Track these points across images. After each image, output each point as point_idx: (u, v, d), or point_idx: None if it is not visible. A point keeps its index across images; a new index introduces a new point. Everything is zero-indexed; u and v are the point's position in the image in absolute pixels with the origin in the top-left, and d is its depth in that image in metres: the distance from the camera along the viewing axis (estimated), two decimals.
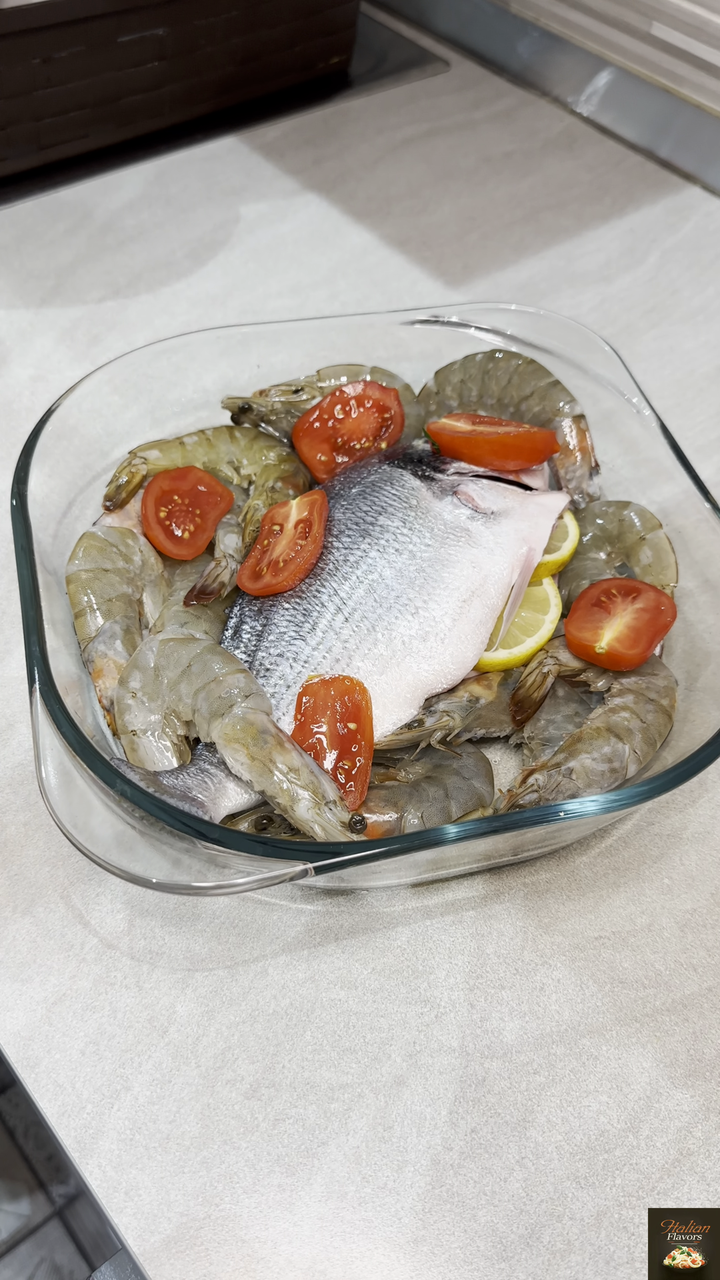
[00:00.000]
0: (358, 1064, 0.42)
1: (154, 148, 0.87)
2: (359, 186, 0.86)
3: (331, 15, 0.92)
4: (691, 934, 0.47)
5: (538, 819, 0.41)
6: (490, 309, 0.64)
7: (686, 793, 0.51)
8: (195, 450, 0.59)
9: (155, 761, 0.46)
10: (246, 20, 0.86)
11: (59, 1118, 0.41)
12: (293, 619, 0.51)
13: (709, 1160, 0.41)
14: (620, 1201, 0.40)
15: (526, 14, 0.97)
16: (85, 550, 0.53)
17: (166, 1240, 0.38)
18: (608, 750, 0.47)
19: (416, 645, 0.50)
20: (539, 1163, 0.41)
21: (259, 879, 0.40)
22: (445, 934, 0.46)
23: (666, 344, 0.74)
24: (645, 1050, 0.43)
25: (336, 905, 0.47)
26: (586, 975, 0.45)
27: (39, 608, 0.47)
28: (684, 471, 0.55)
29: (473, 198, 0.86)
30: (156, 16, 0.80)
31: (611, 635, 0.50)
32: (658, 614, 0.50)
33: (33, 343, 0.70)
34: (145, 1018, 0.43)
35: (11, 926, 0.45)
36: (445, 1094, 0.42)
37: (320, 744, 0.47)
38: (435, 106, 0.95)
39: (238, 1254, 0.38)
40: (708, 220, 0.85)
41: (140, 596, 0.53)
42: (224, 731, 0.45)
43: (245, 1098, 0.42)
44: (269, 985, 0.44)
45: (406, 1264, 0.38)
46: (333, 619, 0.51)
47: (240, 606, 0.53)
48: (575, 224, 0.84)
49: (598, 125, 0.94)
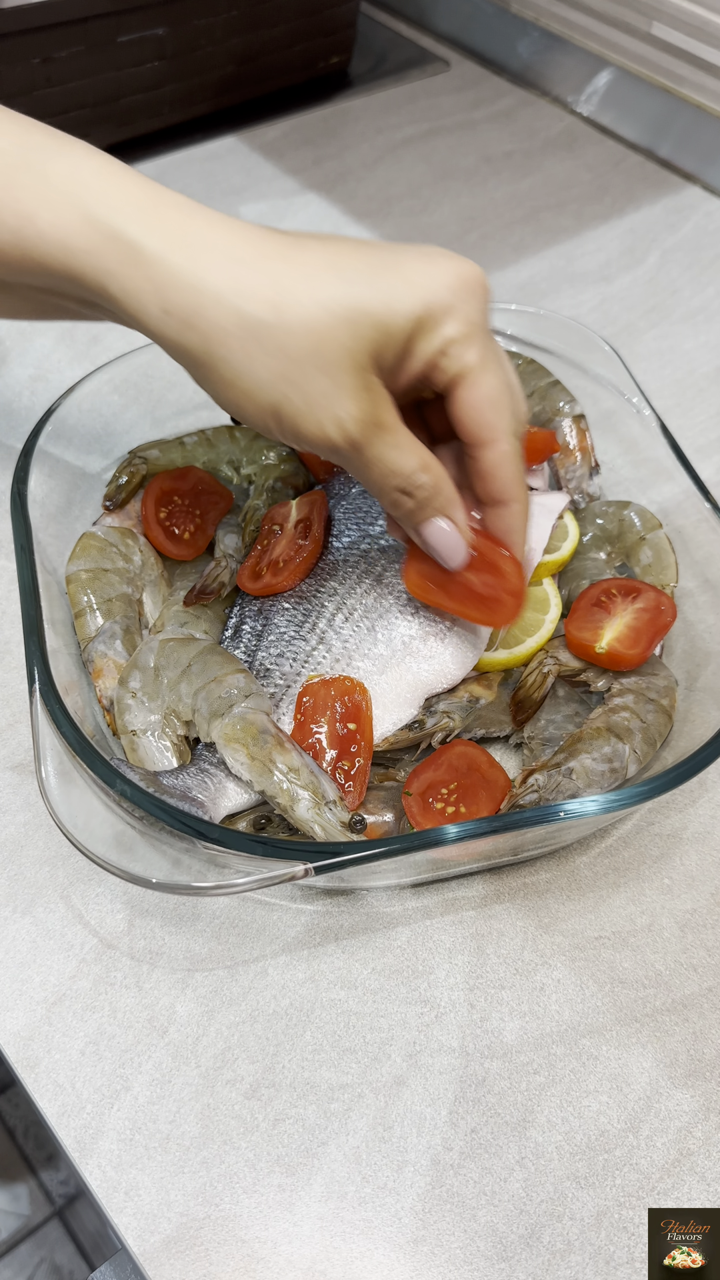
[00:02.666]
0: (358, 1064, 0.42)
1: (154, 148, 0.87)
2: (359, 186, 0.86)
3: (331, 15, 0.92)
4: (691, 934, 0.47)
5: (538, 819, 0.41)
6: (490, 309, 0.64)
7: (686, 793, 0.51)
8: (195, 450, 0.59)
9: (155, 761, 0.46)
10: (246, 20, 0.86)
11: (59, 1118, 0.41)
12: (293, 619, 0.51)
13: (709, 1160, 0.41)
14: (620, 1201, 0.40)
15: (526, 14, 0.97)
16: (85, 550, 0.53)
17: (166, 1240, 0.38)
18: (608, 750, 0.47)
19: (416, 645, 0.50)
20: (539, 1163, 0.41)
21: (259, 879, 0.40)
22: (445, 934, 0.46)
23: (666, 344, 0.74)
24: (645, 1050, 0.43)
25: (336, 905, 0.47)
26: (586, 975, 0.45)
27: (39, 608, 0.47)
28: (684, 471, 0.55)
29: (473, 198, 0.86)
30: (156, 16, 0.80)
31: (611, 635, 0.50)
32: (658, 614, 0.50)
33: (32, 343, 0.70)
34: (145, 1018, 0.43)
35: (11, 926, 0.45)
36: (445, 1094, 0.42)
37: (320, 744, 0.47)
38: (435, 106, 0.95)
39: (238, 1254, 0.38)
40: (708, 220, 0.85)
41: (140, 596, 0.53)
42: (224, 731, 0.45)
43: (245, 1098, 0.42)
44: (269, 985, 0.44)
45: (406, 1264, 0.38)
46: (333, 619, 0.51)
47: (240, 606, 0.53)
48: (575, 224, 0.84)
49: (598, 125, 0.94)
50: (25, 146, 0.38)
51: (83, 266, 0.38)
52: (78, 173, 0.38)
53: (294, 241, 0.38)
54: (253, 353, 0.37)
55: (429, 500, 0.42)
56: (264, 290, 0.37)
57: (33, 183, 0.38)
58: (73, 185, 0.38)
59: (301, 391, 0.38)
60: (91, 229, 0.37)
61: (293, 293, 0.37)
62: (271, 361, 0.37)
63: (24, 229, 0.38)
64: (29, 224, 0.38)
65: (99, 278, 0.38)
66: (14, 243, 0.38)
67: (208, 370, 0.38)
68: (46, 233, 0.37)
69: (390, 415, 0.40)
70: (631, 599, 0.51)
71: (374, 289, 0.38)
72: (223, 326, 0.37)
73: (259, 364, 0.37)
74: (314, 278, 0.37)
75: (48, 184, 0.38)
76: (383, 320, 0.38)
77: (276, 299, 0.37)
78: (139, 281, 0.37)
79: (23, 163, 0.38)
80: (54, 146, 0.39)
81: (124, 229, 0.37)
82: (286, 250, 0.38)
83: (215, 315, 0.37)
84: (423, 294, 0.38)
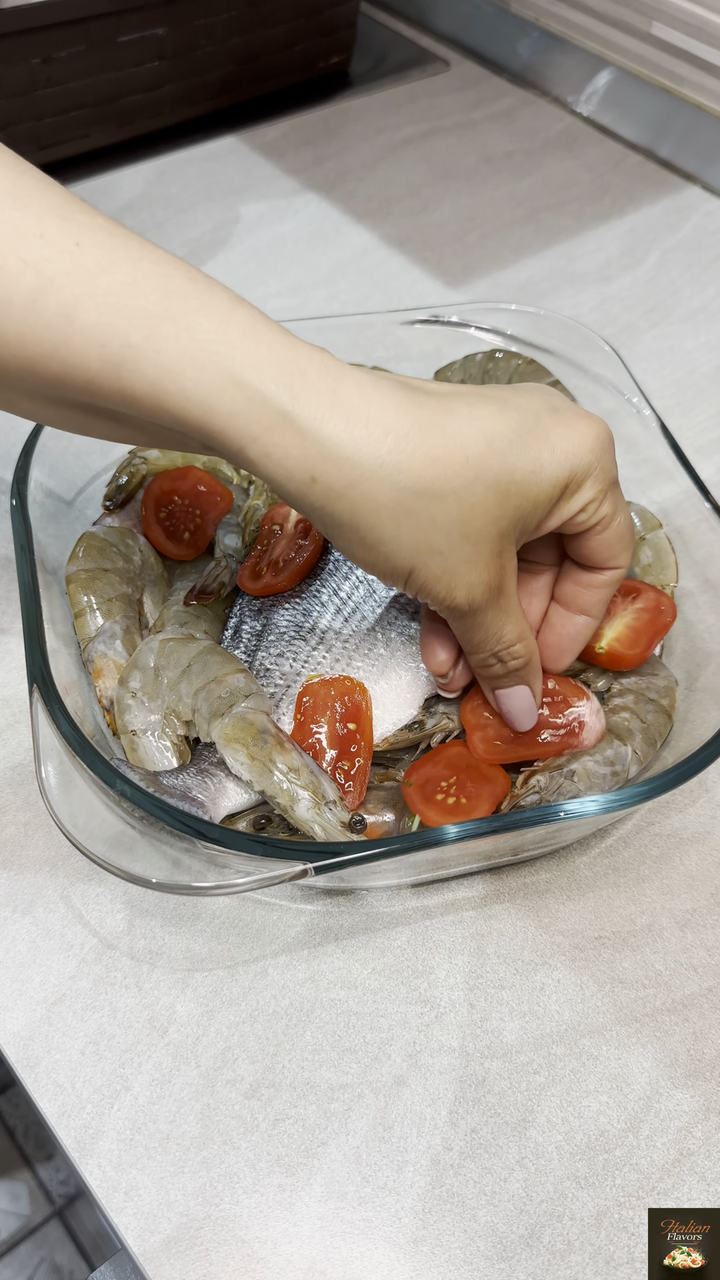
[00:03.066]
0: (358, 1064, 0.42)
1: (154, 148, 0.87)
2: (359, 186, 0.86)
3: (331, 15, 0.92)
4: (691, 934, 0.47)
5: (538, 819, 0.41)
6: (490, 309, 0.64)
7: (686, 793, 0.51)
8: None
9: (155, 761, 0.46)
10: (246, 20, 0.86)
11: (59, 1118, 0.41)
12: (293, 619, 0.51)
13: (709, 1160, 0.41)
14: (620, 1201, 0.40)
15: (526, 14, 0.97)
16: (85, 550, 0.53)
17: (166, 1240, 0.38)
18: (610, 753, 0.47)
19: (417, 646, 0.50)
20: (539, 1163, 0.41)
21: (259, 879, 0.40)
22: (445, 934, 0.46)
23: (666, 344, 0.74)
24: (645, 1050, 0.43)
25: (336, 905, 0.47)
26: (586, 975, 0.45)
27: (39, 608, 0.47)
28: (684, 471, 0.55)
29: (473, 198, 0.86)
30: (156, 16, 0.80)
31: (611, 635, 0.50)
32: (658, 614, 0.50)
33: None
34: (145, 1018, 0.43)
35: (11, 926, 0.45)
36: (445, 1094, 0.42)
37: (320, 744, 0.47)
38: (435, 106, 0.95)
39: (238, 1254, 0.38)
40: (708, 220, 0.85)
41: (140, 596, 0.53)
42: (224, 731, 0.45)
43: (245, 1098, 0.42)
44: (269, 985, 0.44)
45: (406, 1264, 0.38)
46: (333, 619, 0.51)
47: (240, 606, 0.53)
48: (575, 224, 0.84)
49: (598, 125, 0.94)
50: (168, 294, 0.36)
51: (223, 427, 0.36)
52: (225, 331, 0.36)
53: (445, 406, 0.38)
54: (402, 522, 0.38)
55: (517, 670, 0.45)
56: (420, 465, 0.37)
57: (176, 335, 0.35)
58: (220, 345, 0.35)
59: (442, 559, 0.39)
60: (238, 392, 0.36)
61: (449, 465, 0.37)
62: (418, 531, 0.38)
63: (163, 382, 0.36)
64: (170, 379, 0.35)
65: (239, 440, 0.36)
66: (150, 393, 0.36)
67: (347, 532, 0.38)
68: (189, 390, 0.36)
69: (511, 583, 0.42)
70: (631, 599, 0.51)
71: (524, 459, 0.39)
72: (376, 499, 0.37)
73: (405, 532, 0.38)
74: (468, 449, 0.38)
75: (194, 340, 0.35)
76: (531, 491, 0.39)
77: (433, 471, 0.37)
78: (286, 449, 0.36)
79: (165, 312, 0.35)
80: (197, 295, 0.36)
81: (275, 396, 0.36)
82: (438, 419, 0.38)
83: (370, 488, 0.37)
84: (569, 461, 0.40)
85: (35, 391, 0.38)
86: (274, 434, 0.36)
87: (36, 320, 0.35)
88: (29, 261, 0.35)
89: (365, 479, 0.37)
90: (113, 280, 0.35)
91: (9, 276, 0.34)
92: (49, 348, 0.35)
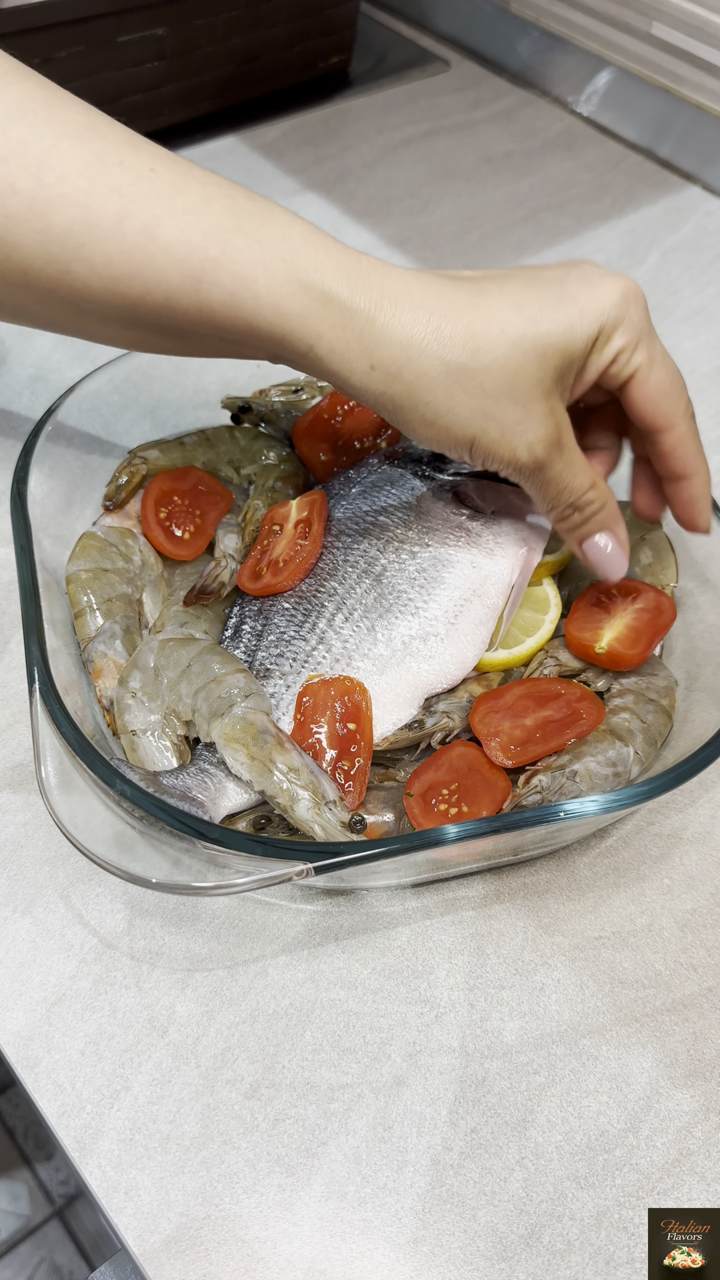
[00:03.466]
0: (358, 1064, 0.42)
1: None
2: (359, 186, 0.86)
3: (331, 15, 0.92)
4: (691, 934, 0.47)
5: (538, 819, 0.41)
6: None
7: (686, 793, 0.51)
8: (195, 450, 0.59)
9: (155, 761, 0.46)
10: (246, 20, 0.86)
11: (59, 1118, 0.41)
12: (293, 619, 0.51)
13: (709, 1160, 0.41)
14: (620, 1201, 0.40)
15: (526, 14, 0.97)
16: (85, 550, 0.53)
17: (166, 1240, 0.38)
18: (612, 754, 0.47)
19: (416, 645, 0.50)
20: (539, 1163, 0.41)
21: (259, 879, 0.40)
22: (445, 934, 0.46)
23: (666, 344, 0.74)
24: (645, 1050, 0.43)
25: (336, 905, 0.47)
26: (586, 975, 0.45)
27: (39, 608, 0.47)
28: None
29: (473, 198, 0.86)
30: (156, 16, 0.80)
31: (611, 635, 0.50)
32: (658, 614, 0.50)
33: (32, 343, 0.70)
34: (145, 1018, 0.43)
35: (11, 926, 0.45)
36: (445, 1094, 0.42)
37: (320, 744, 0.47)
38: (435, 106, 0.95)
39: (238, 1254, 0.38)
40: (708, 220, 0.85)
41: (140, 596, 0.53)
42: (224, 731, 0.45)
43: (245, 1098, 0.42)
44: (269, 985, 0.44)
45: (406, 1264, 0.38)
46: (332, 619, 0.51)
47: (240, 606, 0.53)
48: (575, 224, 0.84)
49: (598, 125, 0.94)
50: (235, 212, 0.40)
51: (294, 329, 0.40)
52: (289, 240, 0.40)
53: (478, 287, 0.42)
54: (454, 394, 0.41)
55: (594, 515, 0.47)
56: (461, 338, 0.41)
57: (248, 246, 0.40)
58: (285, 252, 0.40)
59: (498, 423, 0.42)
60: (305, 293, 0.40)
61: (487, 336, 0.41)
62: (470, 400, 0.42)
63: (239, 291, 0.40)
64: (245, 287, 0.40)
65: (308, 339, 0.41)
66: (227, 303, 0.40)
67: (409, 413, 0.42)
68: (262, 295, 0.40)
69: (569, 437, 0.45)
70: (631, 599, 0.51)
71: (555, 322, 0.42)
72: (427, 374, 0.41)
73: (459, 403, 0.42)
74: (502, 319, 0.41)
75: (265, 250, 0.40)
76: (566, 348, 0.42)
77: (474, 344, 0.41)
78: (348, 342, 0.41)
79: (235, 227, 0.40)
80: (260, 212, 0.41)
81: (336, 292, 0.40)
82: (474, 298, 0.42)
83: (421, 365, 0.41)
84: (595, 316, 0.43)
85: (113, 316, 0.41)
86: (337, 329, 0.40)
87: (122, 240, 0.39)
88: (113, 186, 0.39)
89: (415, 357, 0.41)
90: (187, 200, 0.39)
91: (96, 200, 0.39)
92: (134, 266, 0.39)
